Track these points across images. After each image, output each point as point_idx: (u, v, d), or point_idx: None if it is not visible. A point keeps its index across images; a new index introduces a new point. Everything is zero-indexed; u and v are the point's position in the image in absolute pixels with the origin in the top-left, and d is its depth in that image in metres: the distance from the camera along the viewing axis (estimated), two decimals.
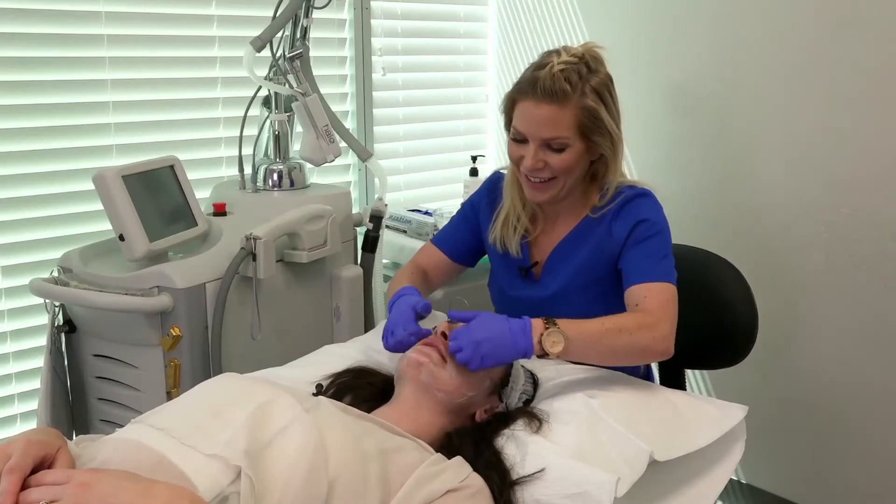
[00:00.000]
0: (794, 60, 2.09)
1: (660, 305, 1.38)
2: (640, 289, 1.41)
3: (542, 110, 1.39)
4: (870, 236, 2.00)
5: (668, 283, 1.41)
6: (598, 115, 1.41)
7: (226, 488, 0.93)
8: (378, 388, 1.36)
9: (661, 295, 1.39)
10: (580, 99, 1.39)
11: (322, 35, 2.42)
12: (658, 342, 1.35)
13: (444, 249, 1.70)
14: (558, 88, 1.38)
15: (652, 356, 1.40)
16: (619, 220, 1.48)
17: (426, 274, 1.68)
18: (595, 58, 1.43)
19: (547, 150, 1.43)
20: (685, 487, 1.27)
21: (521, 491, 1.14)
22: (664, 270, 1.42)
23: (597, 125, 1.42)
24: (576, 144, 1.42)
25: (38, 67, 1.98)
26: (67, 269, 1.70)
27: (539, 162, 1.43)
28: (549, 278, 1.56)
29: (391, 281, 1.66)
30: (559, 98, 1.38)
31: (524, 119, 1.43)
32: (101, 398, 1.76)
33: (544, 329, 1.27)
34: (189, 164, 1.87)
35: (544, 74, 1.39)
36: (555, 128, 1.40)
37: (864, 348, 2.05)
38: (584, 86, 1.40)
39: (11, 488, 0.84)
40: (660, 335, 1.35)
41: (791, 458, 2.25)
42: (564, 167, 1.44)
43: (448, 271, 1.71)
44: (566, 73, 1.38)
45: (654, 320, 1.35)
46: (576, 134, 1.41)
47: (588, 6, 2.61)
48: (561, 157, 1.42)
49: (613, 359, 1.36)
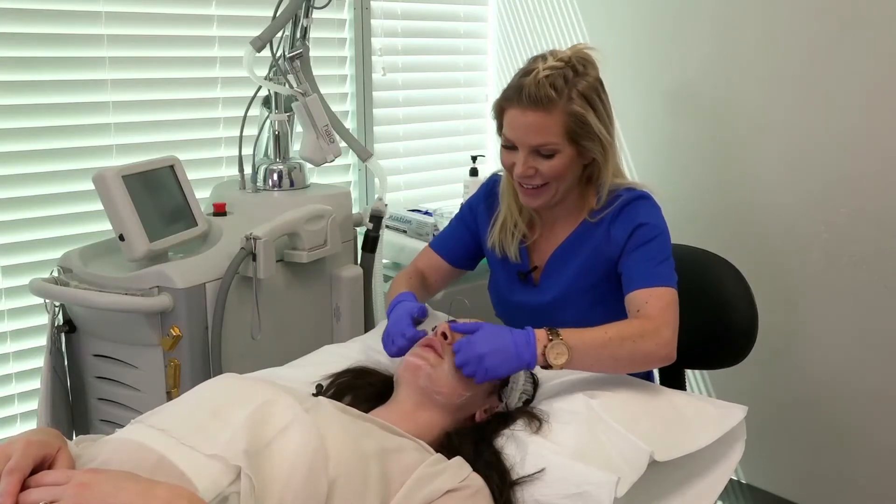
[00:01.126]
0: (794, 61, 2.09)
1: (661, 311, 1.37)
2: (640, 294, 1.40)
3: (529, 117, 1.39)
4: (870, 236, 2.00)
5: (668, 287, 1.41)
6: (585, 120, 1.39)
7: (226, 488, 0.93)
8: (378, 389, 1.36)
9: (662, 300, 1.38)
10: (567, 104, 1.38)
11: (322, 35, 2.42)
12: (660, 348, 1.34)
13: (442, 254, 1.69)
14: (543, 95, 1.36)
15: (654, 363, 1.39)
16: (618, 223, 1.48)
17: (425, 278, 1.68)
18: (584, 60, 1.42)
19: (537, 156, 1.42)
20: (685, 487, 1.27)
21: (521, 491, 1.14)
22: (664, 274, 1.42)
23: (585, 130, 1.40)
24: (565, 150, 1.41)
25: (38, 67, 1.98)
26: (67, 269, 1.70)
27: (529, 169, 1.42)
28: (549, 283, 1.56)
29: (390, 285, 1.66)
30: (545, 104, 1.37)
31: (512, 127, 1.42)
32: (101, 398, 1.76)
33: (548, 341, 1.27)
34: (189, 164, 1.87)
35: (529, 81, 1.38)
36: (542, 134, 1.39)
37: (864, 348, 2.05)
38: (571, 91, 1.38)
39: (11, 489, 0.84)
40: (662, 341, 1.34)
41: (791, 458, 2.25)
42: (555, 173, 1.43)
43: (447, 275, 1.71)
44: (551, 78, 1.37)
45: (655, 326, 1.35)
46: (564, 139, 1.40)
47: (588, 6, 2.60)
48: (551, 163, 1.42)
49: (615, 367, 1.35)
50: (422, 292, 1.62)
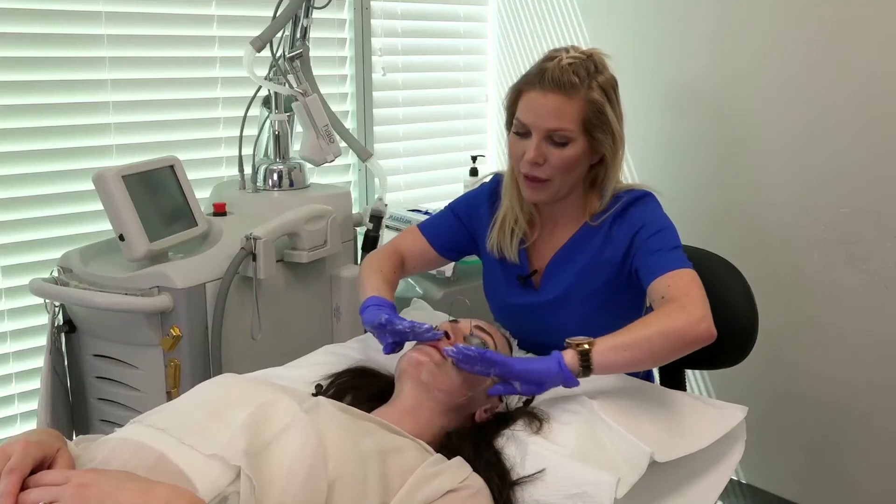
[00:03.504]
0: (794, 61, 2.09)
1: (684, 290, 1.33)
2: (660, 282, 1.36)
3: (549, 100, 1.39)
4: (870, 236, 2.00)
5: (686, 268, 1.37)
6: (603, 111, 1.40)
7: (225, 488, 0.93)
8: (378, 388, 1.36)
9: (682, 279, 1.35)
10: (587, 92, 1.39)
11: (322, 35, 2.42)
12: (695, 323, 1.27)
13: (430, 239, 1.65)
14: (566, 80, 1.38)
15: (694, 340, 1.28)
16: (619, 224, 1.47)
17: (403, 261, 1.63)
18: (601, 60, 1.44)
19: (549, 143, 1.41)
20: (685, 488, 1.27)
21: (521, 491, 1.14)
22: (677, 258, 1.39)
23: (601, 121, 1.41)
24: (578, 140, 1.41)
25: (38, 67, 1.98)
26: (67, 269, 1.70)
27: (540, 157, 1.41)
28: (549, 287, 1.55)
29: (362, 268, 1.60)
30: (567, 89, 1.38)
31: (529, 109, 1.42)
32: (101, 398, 1.76)
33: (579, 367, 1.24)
34: (189, 164, 1.87)
35: (553, 66, 1.39)
36: (560, 118, 1.39)
37: (864, 348, 2.05)
38: (592, 81, 1.40)
39: (11, 489, 0.84)
40: (695, 317, 1.28)
41: (791, 458, 2.25)
42: (564, 165, 1.42)
43: (428, 261, 1.68)
44: (574, 66, 1.39)
45: (682, 304, 1.30)
46: (579, 128, 1.40)
47: (588, 6, 2.60)
48: (562, 152, 1.41)
49: (651, 352, 1.29)
50: (393, 278, 1.57)
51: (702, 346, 1.29)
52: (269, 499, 0.94)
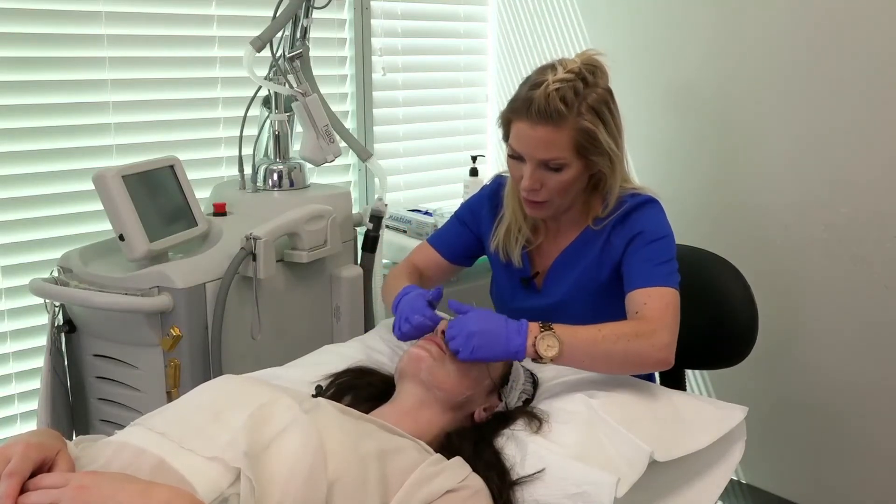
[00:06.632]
0: (794, 61, 2.09)
1: (660, 312, 1.35)
2: (639, 294, 1.38)
3: (538, 132, 1.37)
4: (870, 236, 2.00)
5: (669, 287, 1.38)
6: (595, 136, 1.38)
7: (225, 490, 0.93)
8: (378, 388, 1.36)
9: (661, 300, 1.36)
10: (576, 119, 1.36)
11: (322, 35, 2.42)
12: (656, 351, 1.31)
13: (440, 250, 1.68)
14: (553, 109, 1.34)
15: (650, 365, 1.34)
16: (620, 229, 1.47)
17: (422, 274, 1.67)
18: (593, 68, 1.39)
19: (544, 169, 1.40)
20: (685, 488, 1.27)
21: (521, 491, 1.14)
22: (665, 275, 1.39)
23: (594, 145, 1.39)
24: (573, 164, 1.40)
25: (38, 67, 1.98)
26: (67, 269, 1.70)
27: (536, 182, 1.41)
28: (551, 289, 1.55)
29: (386, 280, 1.64)
30: (555, 119, 1.35)
31: (520, 140, 1.40)
32: (101, 398, 1.76)
33: (539, 332, 1.26)
34: (189, 164, 1.87)
35: (539, 94, 1.35)
36: (550, 149, 1.38)
37: (864, 348, 2.05)
38: (581, 105, 1.36)
39: (10, 492, 0.84)
40: (659, 344, 1.31)
41: (791, 458, 2.25)
42: (561, 187, 1.42)
43: (444, 272, 1.70)
44: (562, 91, 1.35)
45: (652, 328, 1.32)
46: (573, 154, 1.39)
47: (588, 6, 2.60)
48: (558, 177, 1.40)
49: (609, 367, 1.33)
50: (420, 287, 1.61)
51: (655, 371, 1.41)
52: (269, 500, 0.94)
